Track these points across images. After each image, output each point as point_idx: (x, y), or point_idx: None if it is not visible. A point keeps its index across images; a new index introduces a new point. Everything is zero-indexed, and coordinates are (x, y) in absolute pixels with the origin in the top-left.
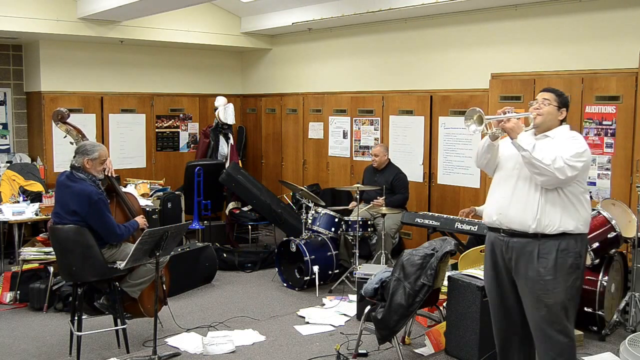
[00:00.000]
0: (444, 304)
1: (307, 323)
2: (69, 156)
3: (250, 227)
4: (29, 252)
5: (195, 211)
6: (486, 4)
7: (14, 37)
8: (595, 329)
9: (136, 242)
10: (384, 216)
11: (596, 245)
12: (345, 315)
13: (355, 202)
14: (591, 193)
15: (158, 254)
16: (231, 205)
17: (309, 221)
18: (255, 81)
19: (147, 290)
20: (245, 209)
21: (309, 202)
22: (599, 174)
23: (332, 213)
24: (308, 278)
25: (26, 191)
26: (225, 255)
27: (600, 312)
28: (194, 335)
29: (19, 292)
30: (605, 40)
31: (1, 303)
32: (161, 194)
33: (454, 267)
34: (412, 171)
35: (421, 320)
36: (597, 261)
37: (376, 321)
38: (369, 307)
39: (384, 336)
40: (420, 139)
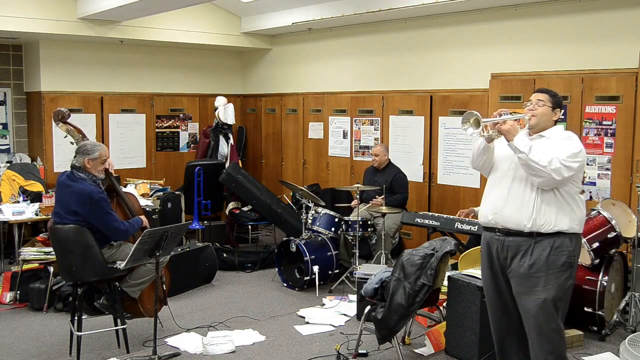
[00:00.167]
0: (444, 304)
1: (307, 323)
2: (69, 156)
3: (250, 227)
4: (29, 252)
5: (195, 211)
6: (486, 4)
7: (14, 37)
8: (595, 329)
9: (136, 242)
10: (384, 216)
11: (596, 245)
12: (345, 315)
13: (356, 200)
14: (591, 193)
15: (158, 254)
16: (231, 205)
17: (309, 221)
18: (255, 81)
19: (147, 290)
20: (245, 209)
21: (309, 202)
22: (599, 174)
23: (332, 213)
24: (308, 278)
25: (26, 191)
26: (225, 255)
27: (600, 312)
28: (194, 335)
29: (19, 292)
30: (605, 40)
31: (1, 303)
32: (161, 194)
33: (454, 267)
34: (412, 171)
35: (421, 320)
36: (597, 261)
37: (376, 321)
38: (369, 307)
39: (384, 336)
40: (420, 139)
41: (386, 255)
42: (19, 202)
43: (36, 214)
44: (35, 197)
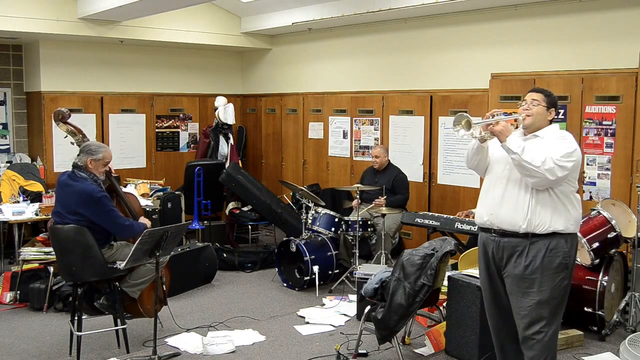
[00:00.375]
0: (444, 304)
1: (307, 323)
2: (69, 156)
3: (250, 227)
4: (29, 252)
5: (195, 211)
6: (486, 4)
7: (14, 37)
8: (595, 329)
9: (136, 242)
10: (383, 216)
11: (596, 245)
12: (345, 315)
13: (357, 200)
14: (591, 193)
15: (158, 254)
16: (231, 205)
17: (309, 221)
18: (255, 81)
19: (147, 290)
20: (245, 209)
21: (309, 202)
22: (599, 174)
23: (332, 213)
24: (308, 278)
25: (26, 191)
26: (225, 255)
27: (600, 312)
28: (194, 335)
29: (19, 292)
30: (605, 40)
31: (1, 303)
32: (161, 194)
33: (454, 267)
34: (412, 171)
35: (421, 320)
36: (597, 261)
37: (376, 321)
38: (369, 307)
39: (384, 336)
40: (420, 139)
41: (386, 255)
42: (19, 202)
43: (36, 214)
44: (35, 197)
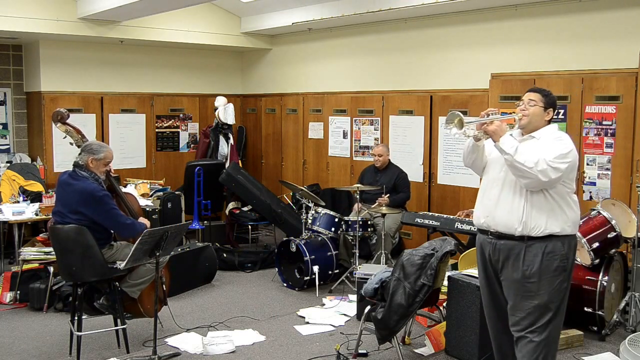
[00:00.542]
0: (444, 304)
1: (307, 323)
2: (69, 156)
3: (250, 227)
4: (29, 252)
5: (195, 211)
6: (486, 4)
7: (14, 37)
8: (595, 329)
9: (136, 242)
10: (384, 216)
11: (596, 245)
12: (345, 315)
13: (358, 203)
14: (591, 193)
15: (158, 254)
16: (231, 205)
17: (309, 221)
18: (255, 81)
19: (147, 290)
20: (245, 209)
21: (309, 202)
22: (599, 174)
23: (332, 213)
24: (308, 278)
25: (26, 191)
26: (225, 255)
27: (600, 312)
28: (194, 335)
29: (19, 292)
30: (605, 40)
31: (1, 303)
32: (161, 194)
33: (454, 267)
34: (412, 171)
35: (421, 320)
36: (597, 261)
37: (376, 321)
38: (369, 307)
39: (384, 336)
40: (420, 139)
41: (386, 255)
42: (19, 202)
43: (36, 214)
44: (35, 197)
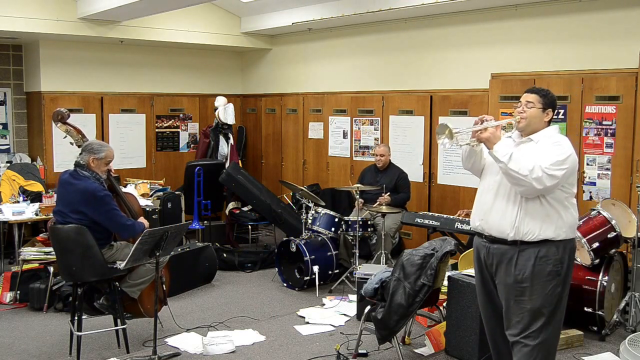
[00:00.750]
0: (444, 304)
1: (307, 323)
2: (69, 156)
3: (250, 227)
4: (29, 252)
5: (195, 211)
6: (486, 4)
7: (14, 37)
8: (595, 329)
9: (136, 242)
10: (384, 216)
11: (596, 245)
12: (345, 315)
13: (359, 200)
14: (591, 193)
15: (158, 254)
16: (231, 205)
17: (309, 221)
18: (255, 81)
19: (147, 290)
20: (245, 209)
21: (309, 202)
22: (599, 174)
23: (332, 213)
24: (308, 278)
25: (26, 191)
26: (225, 255)
27: (600, 312)
28: (194, 335)
29: (19, 292)
30: (605, 40)
31: (1, 303)
32: (161, 194)
33: (454, 267)
34: (412, 171)
35: (421, 320)
36: (597, 261)
37: (376, 321)
38: (369, 307)
39: (384, 336)
40: (420, 139)
41: (386, 255)
42: (19, 202)
43: (36, 214)
44: (35, 197)
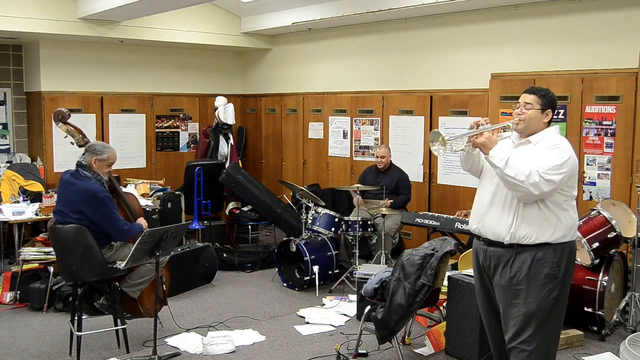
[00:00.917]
0: (444, 304)
1: (307, 323)
2: (69, 156)
3: (250, 227)
4: (29, 252)
5: (195, 211)
6: (486, 4)
7: (14, 37)
8: (595, 329)
9: (136, 242)
10: (384, 216)
11: (596, 245)
12: (345, 315)
13: (359, 197)
14: (591, 193)
15: (158, 254)
16: (231, 205)
17: (309, 221)
18: (255, 81)
19: (147, 290)
20: (245, 209)
21: (309, 202)
22: (599, 174)
23: (332, 213)
24: (308, 278)
25: (26, 191)
26: (225, 255)
27: (600, 312)
28: (194, 335)
29: (19, 292)
30: (605, 40)
31: (1, 303)
32: (161, 194)
33: (454, 267)
34: (412, 171)
35: (421, 320)
36: (597, 261)
37: (376, 321)
38: (369, 307)
39: (384, 336)
40: (420, 139)
41: (386, 255)
42: (19, 202)
43: (36, 214)
44: (35, 197)
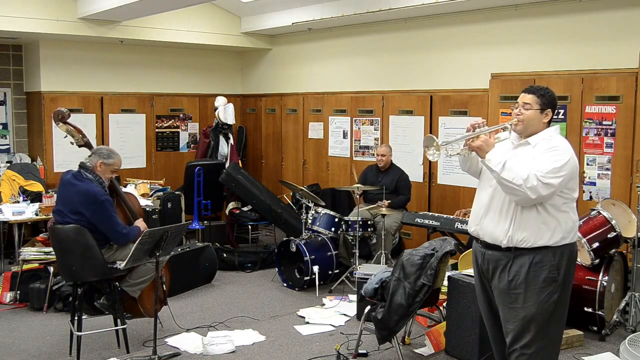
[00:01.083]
0: (444, 304)
1: (307, 323)
2: (69, 156)
3: (250, 227)
4: (29, 252)
5: (195, 211)
6: (486, 4)
7: (14, 37)
8: (595, 329)
9: (136, 242)
10: (384, 216)
11: (596, 245)
12: (345, 315)
13: (359, 194)
14: (591, 193)
15: (158, 254)
16: (231, 205)
17: (309, 221)
18: (255, 81)
19: (147, 290)
20: (245, 209)
21: (309, 202)
22: (599, 174)
23: (332, 213)
24: (308, 278)
25: (26, 191)
26: (225, 255)
27: (600, 312)
28: (194, 335)
29: (19, 292)
30: (605, 40)
31: (1, 303)
32: (161, 194)
33: (454, 267)
34: (412, 171)
35: (421, 320)
36: (597, 261)
37: (376, 321)
38: (369, 307)
39: (384, 336)
40: (420, 139)
41: (386, 255)
42: (19, 202)
43: (36, 214)
44: (35, 197)
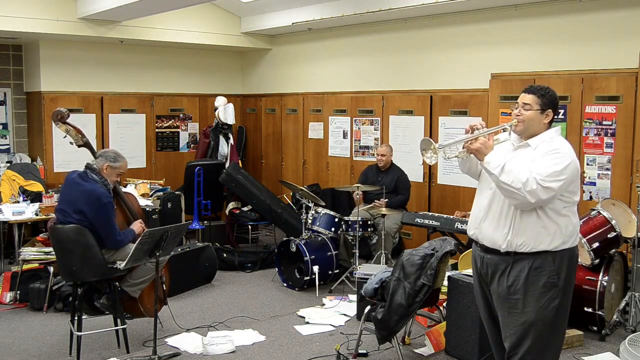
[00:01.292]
0: (444, 304)
1: (307, 323)
2: (69, 156)
3: (250, 227)
4: (29, 252)
5: (195, 211)
6: (486, 4)
7: (14, 37)
8: (595, 329)
9: (136, 242)
10: (384, 216)
11: (596, 245)
12: (345, 315)
13: (358, 192)
14: (591, 193)
15: (158, 254)
16: (231, 205)
17: (309, 221)
18: (255, 81)
19: (147, 290)
20: (245, 209)
21: (309, 202)
22: (599, 174)
23: (332, 213)
24: (308, 278)
25: (26, 191)
26: (225, 255)
27: (600, 312)
28: (194, 335)
29: (19, 292)
30: (605, 40)
31: (1, 303)
32: (161, 194)
33: (454, 267)
34: (412, 171)
35: (421, 320)
36: (597, 261)
37: (376, 321)
38: (369, 307)
39: (384, 336)
40: (420, 139)
41: (386, 255)
42: (19, 202)
43: (36, 214)
44: (35, 197)
